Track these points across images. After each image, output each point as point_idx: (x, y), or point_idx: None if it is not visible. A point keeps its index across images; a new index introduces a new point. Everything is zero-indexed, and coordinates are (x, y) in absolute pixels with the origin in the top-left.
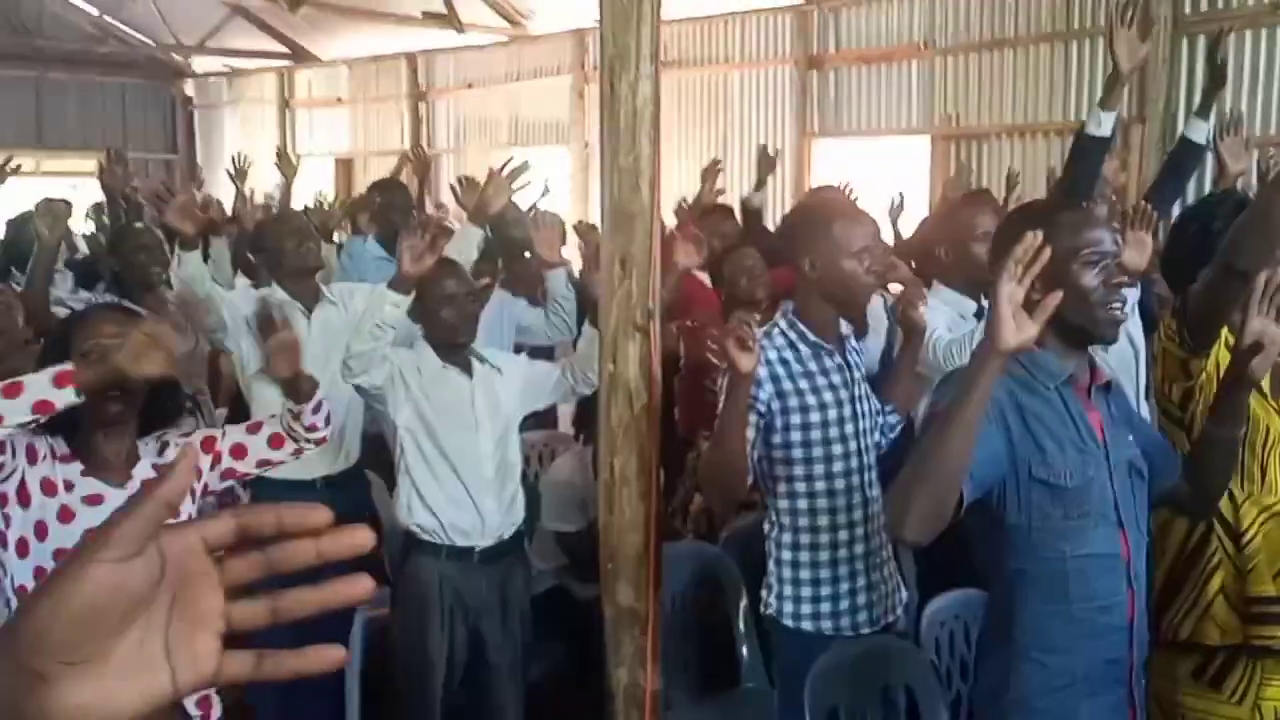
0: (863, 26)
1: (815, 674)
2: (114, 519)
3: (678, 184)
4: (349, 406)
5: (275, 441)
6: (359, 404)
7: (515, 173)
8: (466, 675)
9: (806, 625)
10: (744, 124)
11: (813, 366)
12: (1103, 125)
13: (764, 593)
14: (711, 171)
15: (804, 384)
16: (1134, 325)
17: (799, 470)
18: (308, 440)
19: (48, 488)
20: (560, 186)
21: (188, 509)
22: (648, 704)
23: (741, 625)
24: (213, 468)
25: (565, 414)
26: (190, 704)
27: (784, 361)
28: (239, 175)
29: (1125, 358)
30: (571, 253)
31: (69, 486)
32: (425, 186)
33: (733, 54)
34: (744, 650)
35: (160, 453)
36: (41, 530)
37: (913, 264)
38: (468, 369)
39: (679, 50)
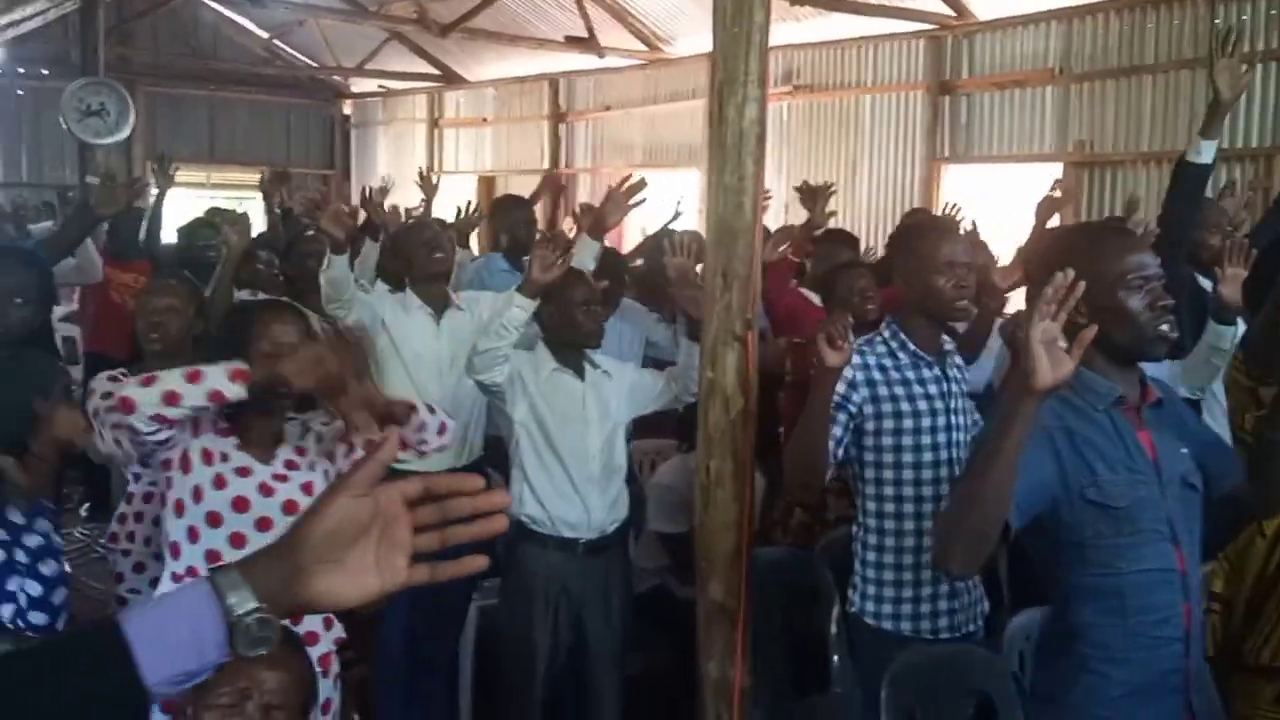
0: (996, 52)
1: (893, 674)
2: (354, 468)
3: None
4: (473, 405)
5: (401, 445)
6: (482, 404)
7: (632, 190)
8: (569, 662)
9: (887, 625)
10: (874, 148)
11: (910, 375)
12: (1203, 153)
13: (849, 591)
14: (824, 194)
15: (899, 391)
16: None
17: (888, 474)
18: (429, 451)
19: (206, 457)
20: (690, 207)
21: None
22: (736, 698)
23: (833, 631)
24: (347, 455)
25: None
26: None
27: (882, 368)
28: (380, 193)
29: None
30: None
31: (224, 457)
32: (559, 205)
33: (865, 78)
34: (834, 656)
35: (302, 436)
36: (198, 494)
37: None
38: (580, 372)
39: (811, 74)
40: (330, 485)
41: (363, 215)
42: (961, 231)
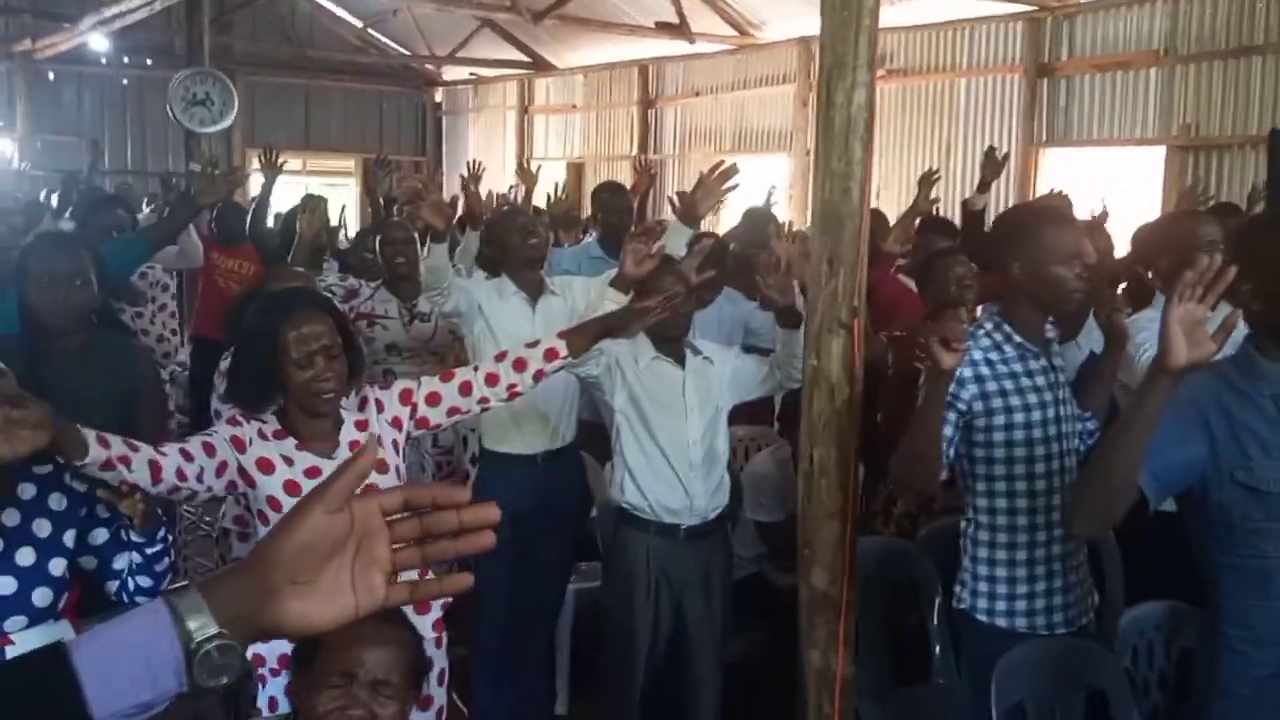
0: (1097, 33)
1: (1002, 669)
2: (326, 482)
3: (901, 192)
4: (566, 390)
5: (465, 389)
6: (575, 390)
7: (724, 175)
8: (669, 647)
9: (1001, 622)
10: (969, 132)
11: (1018, 368)
12: None
13: (957, 588)
14: (927, 181)
15: (1008, 385)
16: None
17: (1000, 470)
18: (500, 395)
19: (265, 466)
20: (780, 194)
21: (394, 460)
22: (838, 688)
23: (935, 622)
24: (411, 417)
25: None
26: (427, 629)
27: (989, 362)
28: (474, 179)
29: None
30: None
31: (288, 461)
32: (649, 194)
33: (960, 61)
34: (936, 647)
35: (361, 408)
36: (274, 504)
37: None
38: (680, 360)
39: (905, 58)
40: (302, 498)
41: (460, 203)
42: (1090, 216)
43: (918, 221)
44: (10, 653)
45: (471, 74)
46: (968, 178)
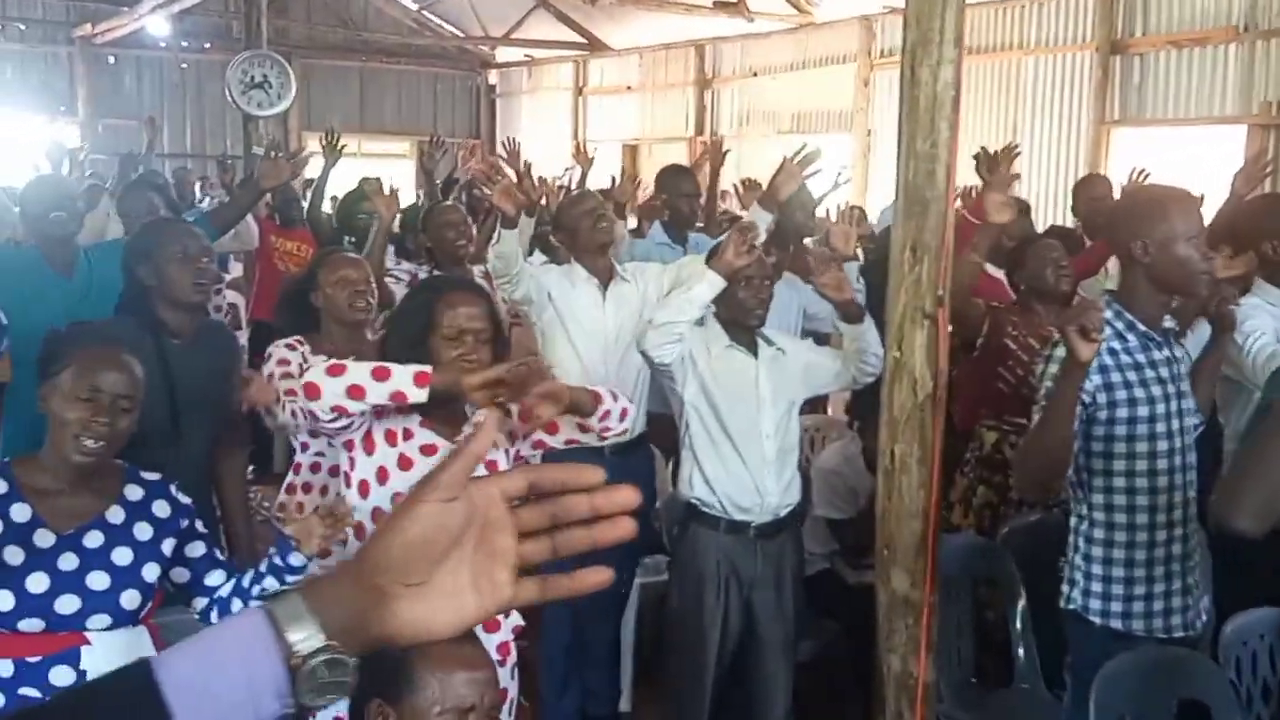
0: (1173, 9)
1: (1104, 677)
2: (439, 468)
3: (968, 173)
4: (638, 379)
5: (583, 429)
6: (647, 378)
7: (806, 160)
8: (739, 645)
9: (1116, 624)
10: (1037, 111)
11: (1141, 358)
12: None
13: (1066, 587)
14: (1008, 155)
15: (1132, 375)
16: None
17: (1119, 465)
18: (609, 436)
19: (390, 437)
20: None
21: (505, 466)
22: (919, 694)
23: (1019, 624)
24: (525, 437)
25: (836, 399)
26: (492, 649)
27: (1112, 351)
28: (512, 158)
29: None
30: None
31: (408, 435)
32: (718, 175)
33: (1028, 39)
34: (1019, 650)
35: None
36: (382, 475)
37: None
38: (754, 350)
39: (971, 35)
40: (411, 489)
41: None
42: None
43: None
44: (86, 653)
45: (526, 55)
46: (1036, 160)
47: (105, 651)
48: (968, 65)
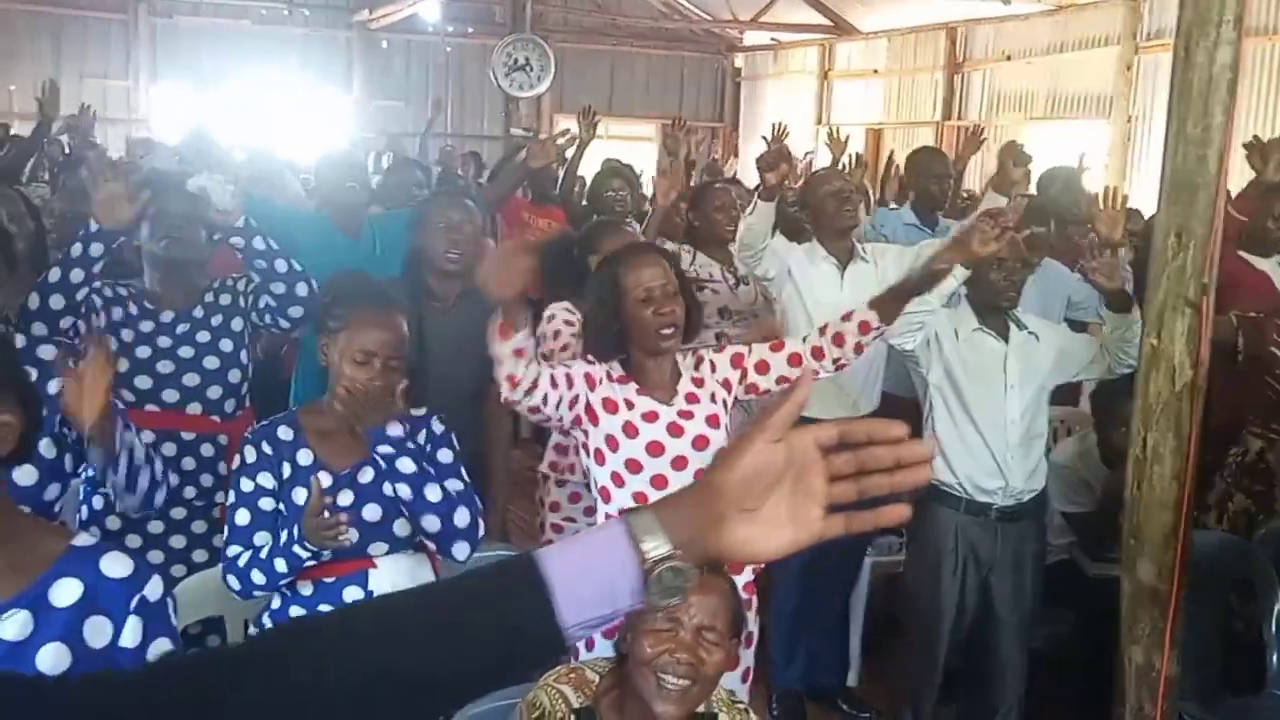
0: None
1: None
2: (766, 412)
3: (1239, 168)
4: (871, 361)
5: (793, 360)
6: (881, 360)
7: (1023, 159)
8: (974, 626)
9: None
10: None
11: None
12: None
13: None
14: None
15: None
16: None
17: None
18: (828, 367)
19: (609, 406)
20: (1097, 161)
21: (724, 418)
22: (1162, 688)
23: (1273, 628)
24: (740, 381)
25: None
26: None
27: None
28: (776, 141)
29: None
30: None
31: (629, 404)
32: (967, 161)
33: None
34: (1274, 656)
35: (696, 367)
36: (612, 443)
37: None
38: (1004, 333)
39: (1261, 16)
40: (744, 429)
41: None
42: None
43: None
44: (373, 575)
45: (772, 39)
46: None
47: (389, 573)
48: (1257, 47)
